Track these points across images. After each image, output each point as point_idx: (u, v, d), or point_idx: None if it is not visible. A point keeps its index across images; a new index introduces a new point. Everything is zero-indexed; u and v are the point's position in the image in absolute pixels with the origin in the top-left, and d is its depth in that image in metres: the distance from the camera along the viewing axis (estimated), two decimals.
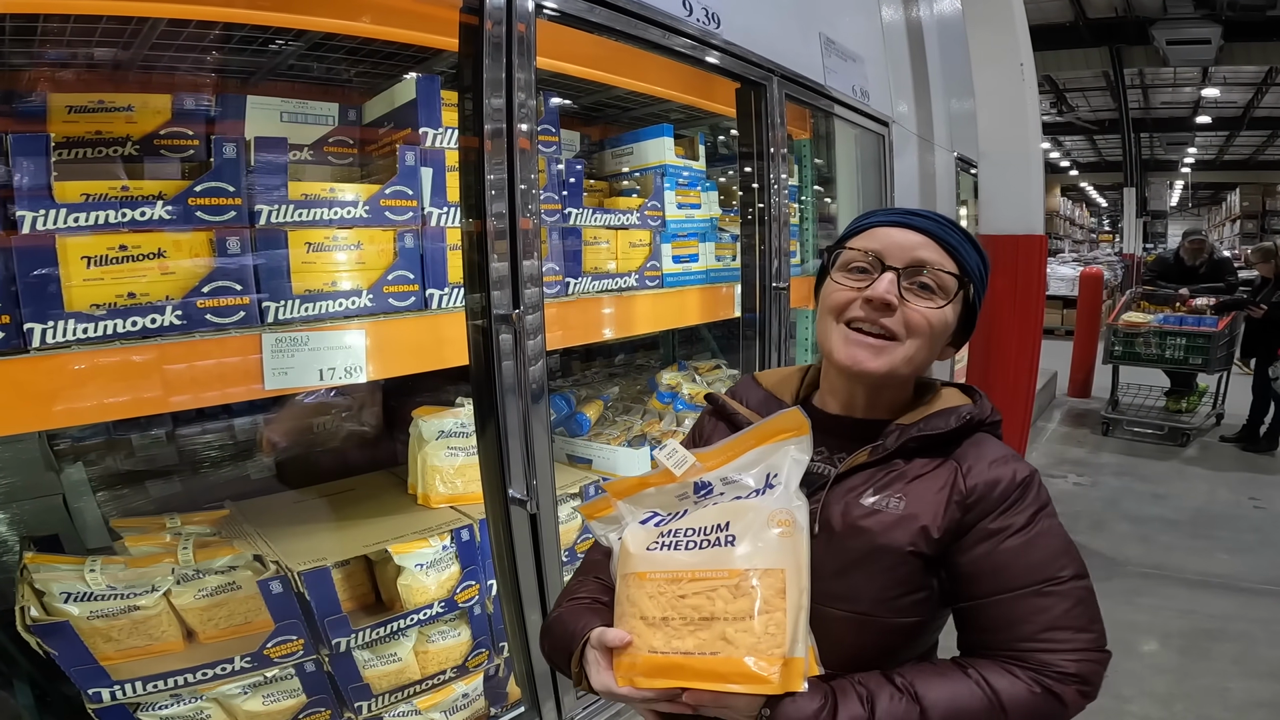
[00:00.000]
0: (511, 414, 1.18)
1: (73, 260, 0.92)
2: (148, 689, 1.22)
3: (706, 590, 0.73)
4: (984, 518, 0.77)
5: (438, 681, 1.52)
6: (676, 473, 0.80)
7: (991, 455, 0.81)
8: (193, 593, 1.30)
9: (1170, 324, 5.41)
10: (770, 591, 0.72)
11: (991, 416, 0.86)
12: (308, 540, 1.41)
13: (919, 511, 0.78)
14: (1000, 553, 0.77)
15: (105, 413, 0.96)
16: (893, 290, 0.79)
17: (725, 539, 0.75)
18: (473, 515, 1.51)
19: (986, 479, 0.78)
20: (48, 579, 1.20)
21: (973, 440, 0.83)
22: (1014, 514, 0.77)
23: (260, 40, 1.39)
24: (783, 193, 2.05)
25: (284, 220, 1.10)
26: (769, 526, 0.74)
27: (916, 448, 0.81)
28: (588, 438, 2.01)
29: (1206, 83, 13.70)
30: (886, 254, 0.81)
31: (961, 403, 0.85)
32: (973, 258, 0.84)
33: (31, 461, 1.51)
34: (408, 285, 1.28)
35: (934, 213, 0.84)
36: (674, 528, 0.79)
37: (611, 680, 0.75)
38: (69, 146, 1.09)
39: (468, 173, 1.19)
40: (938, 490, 0.79)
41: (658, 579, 0.76)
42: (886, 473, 0.81)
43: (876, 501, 0.79)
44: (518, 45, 1.19)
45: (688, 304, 1.98)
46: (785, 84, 2.02)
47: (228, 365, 1.04)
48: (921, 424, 0.82)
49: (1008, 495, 0.78)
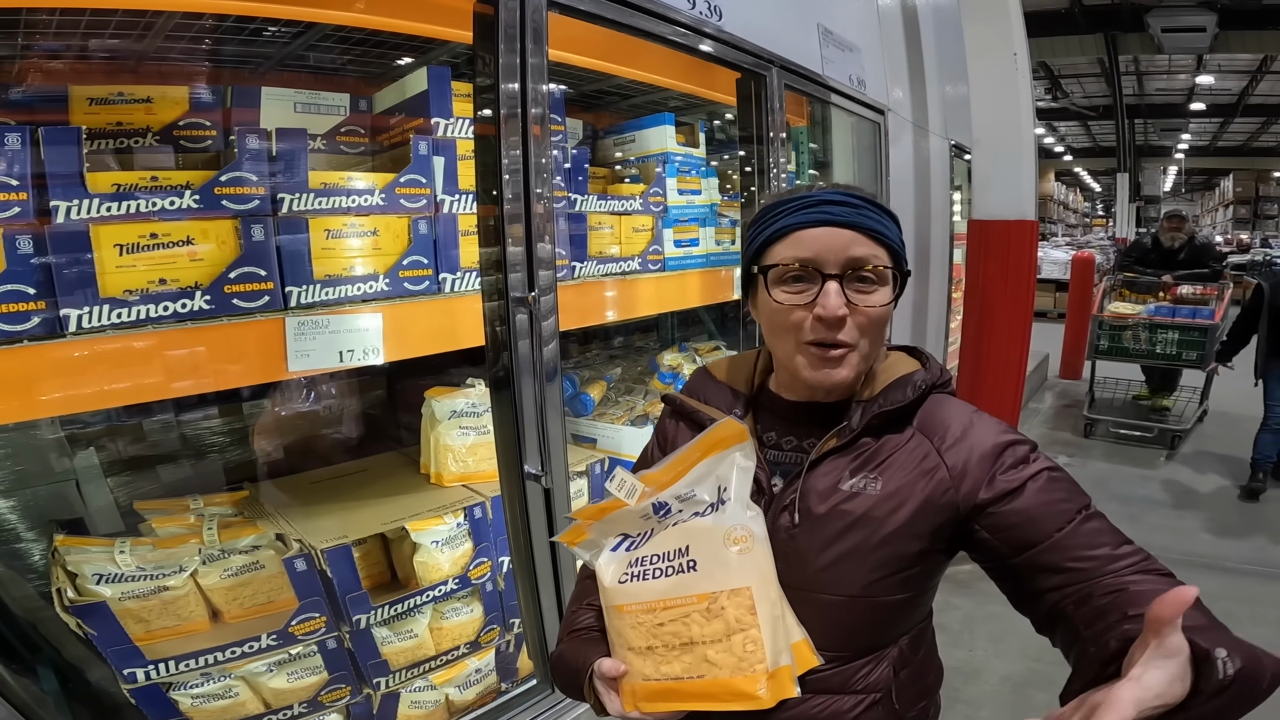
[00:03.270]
0: (527, 392, 1.23)
1: (106, 248, 0.95)
2: (180, 668, 1.26)
3: (680, 616, 0.75)
4: (982, 483, 0.77)
5: (452, 657, 1.56)
6: (629, 502, 0.81)
7: (959, 420, 0.81)
8: (218, 572, 1.34)
9: (1162, 315, 4.85)
10: (740, 610, 0.74)
11: (943, 378, 0.86)
12: (326, 520, 1.45)
13: (898, 488, 0.78)
14: (1024, 505, 0.76)
15: (140, 394, 0.99)
16: (841, 301, 0.76)
17: (687, 564, 0.76)
18: (484, 493, 1.55)
19: (966, 448, 0.78)
20: (79, 561, 1.24)
21: (932, 403, 0.83)
22: (1014, 470, 0.77)
23: (271, 32, 1.42)
24: (781, 179, 2.08)
25: (305, 208, 1.14)
26: (726, 545, 0.75)
27: (881, 424, 0.81)
28: (592, 417, 2.05)
29: (1201, 70, 13.73)
30: (820, 260, 0.77)
31: (911, 368, 0.85)
32: (894, 232, 0.82)
33: (43, 447, 1.53)
34: (422, 270, 1.32)
35: (848, 194, 0.80)
36: (641, 554, 0.80)
37: (620, 706, 0.79)
38: (91, 138, 1.12)
39: (484, 157, 1.22)
40: (915, 466, 0.78)
41: (635, 610, 0.78)
42: (858, 453, 0.80)
43: (855, 484, 0.79)
44: (531, 34, 1.22)
45: (689, 287, 2.02)
46: (784, 74, 2.06)
47: (254, 348, 1.07)
48: (881, 399, 0.81)
49: (996, 456, 0.78)
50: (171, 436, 1.73)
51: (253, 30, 1.39)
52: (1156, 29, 10.98)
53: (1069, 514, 0.75)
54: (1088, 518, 0.76)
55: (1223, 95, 15.48)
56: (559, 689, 0.91)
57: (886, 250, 0.79)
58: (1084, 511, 0.76)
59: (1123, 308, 5.09)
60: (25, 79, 1.17)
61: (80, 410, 1.27)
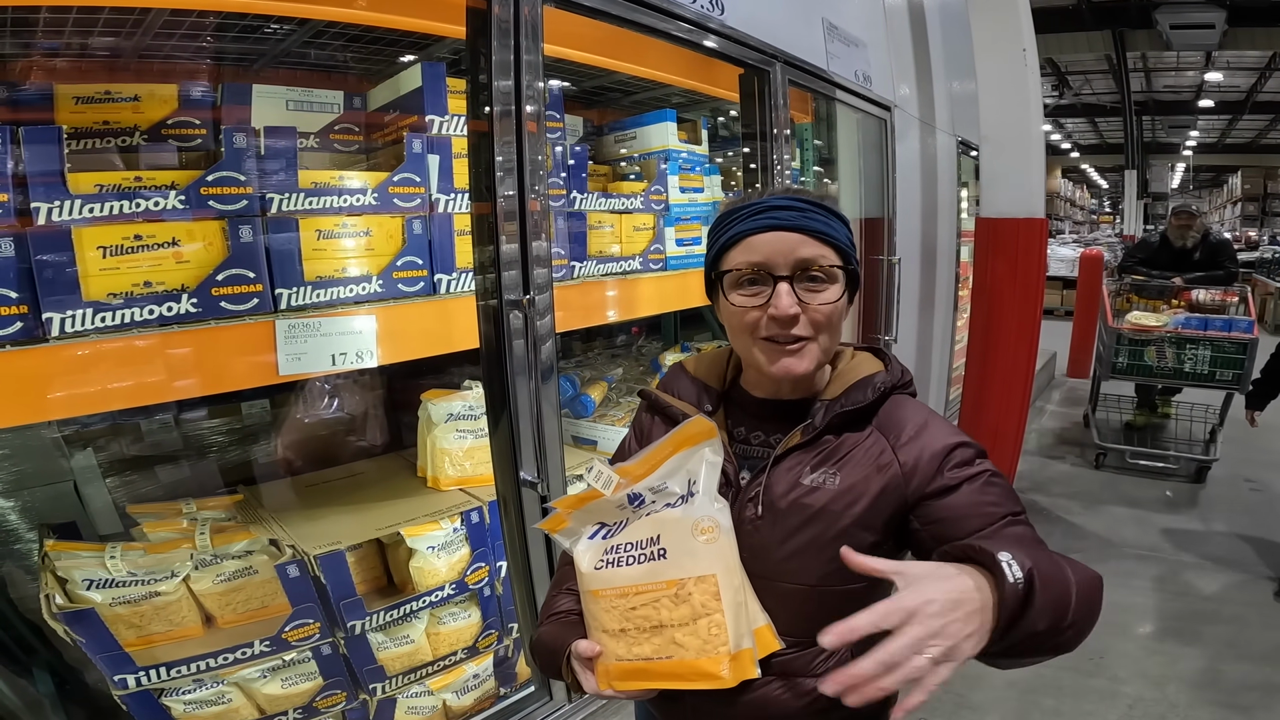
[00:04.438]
0: (522, 395, 1.20)
1: (88, 250, 0.93)
2: (171, 674, 1.24)
3: (651, 601, 0.80)
4: (929, 480, 0.81)
5: (449, 662, 1.54)
6: (605, 492, 0.84)
7: (915, 421, 0.85)
8: (211, 578, 1.32)
9: (1192, 328, 4.10)
10: (706, 595, 0.78)
11: (903, 379, 0.90)
12: (321, 524, 1.43)
13: (854, 483, 0.82)
14: (957, 501, 0.80)
15: (125, 399, 0.97)
16: (792, 300, 0.81)
17: (658, 553, 0.81)
18: (482, 497, 1.53)
19: (921, 447, 0.83)
20: (69, 566, 1.22)
21: (891, 404, 0.87)
22: (956, 469, 0.81)
23: (262, 29, 1.39)
24: (785, 176, 2.05)
25: (295, 208, 1.11)
26: (694, 536, 0.80)
27: (842, 422, 0.85)
28: (592, 419, 2.03)
29: (1210, 67, 13.63)
30: (771, 264, 0.82)
31: (874, 369, 0.89)
32: (842, 231, 0.85)
33: (41, 448, 1.52)
34: (416, 270, 1.29)
35: (795, 199, 0.84)
36: (615, 543, 0.85)
37: (595, 684, 0.84)
38: (77, 137, 1.10)
39: (478, 155, 1.19)
40: (872, 462, 0.83)
41: (609, 595, 0.83)
42: (819, 450, 0.84)
43: (814, 479, 0.83)
44: (526, 29, 1.19)
45: (691, 286, 1.99)
46: (788, 69, 2.02)
47: (243, 352, 1.05)
48: (843, 399, 0.85)
49: (945, 455, 0.82)
50: (169, 437, 1.71)
51: (245, 27, 1.36)
52: (1165, 26, 10.90)
53: (994, 517, 0.79)
54: (1012, 523, 0.79)
55: (1231, 92, 15.37)
56: (539, 669, 0.95)
57: (834, 250, 0.84)
58: (1010, 518, 0.79)
59: (1145, 319, 4.34)
60: (9, 77, 1.14)
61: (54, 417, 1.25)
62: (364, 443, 1.89)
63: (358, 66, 1.64)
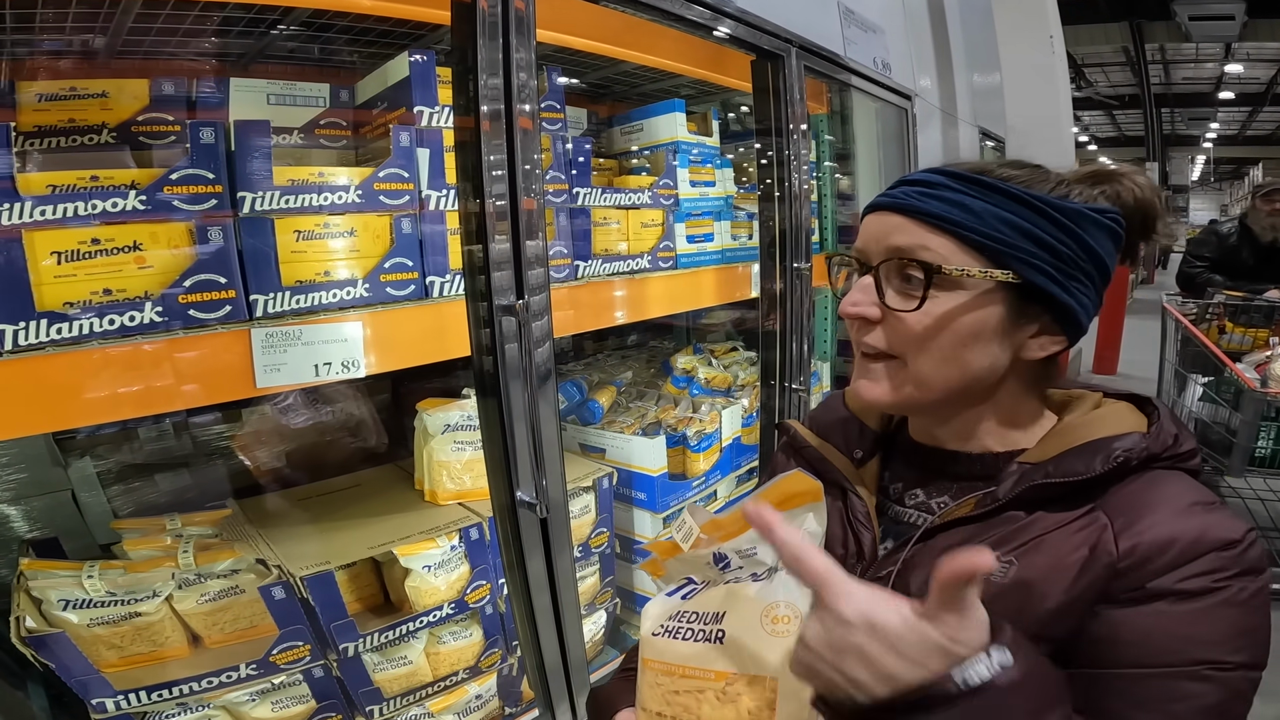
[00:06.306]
0: (517, 407, 1.11)
1: (42, 256, 0.86)
2: (152, 698, 1.19)
3: (695, 690, 0.65)
4: (1147, 581, 0.56)
5: (450, 683, 1.47)
6: (684, 546, 0.70)
7: (1173, 503, 0.58)
8: (195, 597, 1.26)
9: None
10: (757, 703, 0.61)
11: (1174, 449, 0.62)
12: (311, 542, 1.36)
13: (1040, 577, 0.58)
14: (1152, 616, 0.55)
15: (85, 416, 0.91)
16: (863, 300, 0.64)
17: (716, 633, 0.65)
18: (482, 513, 1.45)
19: (1155, 537, 0.56)
20: (44, 586, 1.16)
21: (1144, 480, 0.60)
22: (1193, 579, 0.55)
23: (245, 20, 1.32)
24: (803, 169, 1.95)
25: (270, 207, 1.04)
26: (763, 623, 0.62)
27: (1041, 497, 0.61)
28: (600, 426, 1.94)
29: (1229, 58, 13.33)
30: (865, 251, 0.66)
31: (1126, 429, 0.63)
32: (992, 218, 0.61)
33: (38, 457, 1.48)
34: (406, 273, 1.21)
35: (935, 170, 0.65)
36: (686, 608, 0.69)
37: None
38: (41, 136, 1.03)
39: (465, 155, 1.11)
40: (1072, 552, 0.58)
41: (656, 669, 0.69)
42: (996, 529, 0.62)
43: None
44: (515, 24, 1.11)
45: (703, 285, 1.90)
46: (804, 55, 1.92)
47: (215, 363, 0.98)
48: (1051, 466, 0.61)
49: (1187, 558, 0.55)
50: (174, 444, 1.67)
51: (226, 19, 1.29)
52: (1183, 17, 10.68)
53: (1173, 656, 0.54)
54: (1193, 677, 0.54)
55: (1251, 84, 15.05)
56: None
57: (958, 241, 0.61)
58: (1207, 667, 0.54)
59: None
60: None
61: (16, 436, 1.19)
62: (362, 449, 1.82)
63: (349, 61, 1.56)
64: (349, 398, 1.78)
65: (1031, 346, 0.65)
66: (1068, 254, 0.61)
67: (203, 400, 0.98)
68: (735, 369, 2.36)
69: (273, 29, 1.35)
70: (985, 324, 0.62)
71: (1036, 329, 0.65)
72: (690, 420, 1.97)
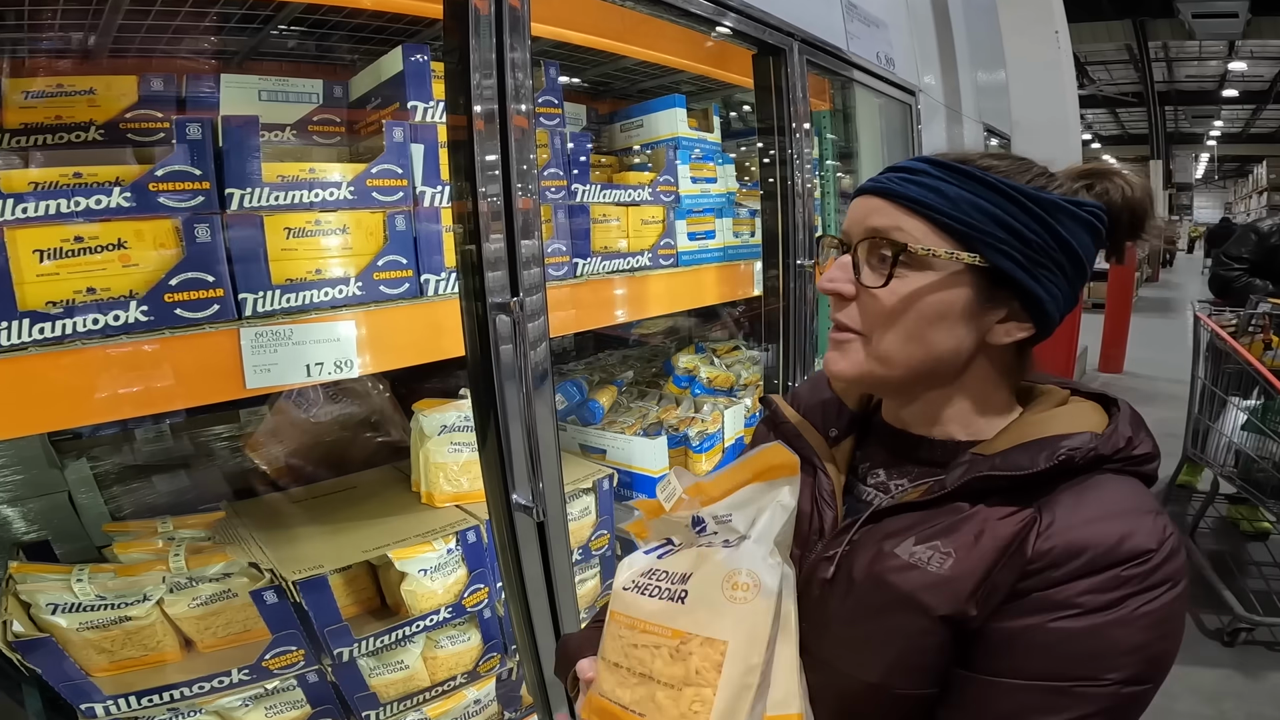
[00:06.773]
0: (512, 408, 1.09)
1: (24, 254, 0.84)
2: (143, 703, 1.17)
3: (652, 645, 0.66)
4: (1048, 587, 0.56)
5: (448, 688, 1.45)
6: (666, 506, 0.72)
7: (1102, 508, 0.58)
8: (186, 601, 1.24)
9: None
10: (706, 663, 0.62)
11: (1126, 451, 0.61)
12: (305, 544, 1.34)
13: (963, 573, 0.59)
14: (1047, 630, 0.56)
15: (67, 419, 0.89)
16: (839, 277, 0.66)
17: (679, 594, 0.66)
18: (479, 515, 1.43)
19: (1069, 542, 0.56)
20: (33, 589, 1.15)
21: (1089, 482, 0.60)
22: (1091, 594, 0.55)
23: (237, 17, 1.30)
24: (805, 166, 1.92)
25: (259, 204, 1.01)
26: (723, 588, 0.63)
27: (986, 489, 0.61)
28: (601, 426, 1.92)
29: (1233, 56, 13.25)
30: (849, 232, 0.67)
31: (1081, 428, 0.62)
32: (966, 203, 0.62)
33: (34, 458, 1.46)
34: (400, 271, 1.19)
35: (919, 158, 0.66)
36: (659, 567, 0.71)
37: (580, 710, 0.73)
38: (27, 134, 1.01)
39: (458, 154, 1.08)
40: (1000, 546, 0.58)
41: (621, 622, 0.70)
42: (940, 519, 0.62)
43: (917, 554, 0.61)
44: (510, 23, 1.08)
45: (704, 283, 1.87)
46: (806, 49, 1.89)
47: (203, 363, 0.96)
48: (999, 459, 0.61)
49: (1094, 569, 0.55)
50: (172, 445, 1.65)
51: (217, 16, 1.27)
52: (1186, 15, 10.61)
53: (1069, 673, 0.55)
54: (1074, 691, 0.54)
55: (1255, 81, 14.97)
56: (555, 672, 0.83)
57: (931, 225, 0.63)
58: (1088, 684, 0.54)
59: None
60: None
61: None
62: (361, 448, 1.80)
63: (343, 57, 1.55)
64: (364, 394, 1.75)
65: (998, 332, 0.66)
66: (1036, 242, 0.62)
67: (191, 401, 0.96)
68: (738, 368, 2.34)
69: (265, 25, 1.33)
70: (951, 305, 0.64)
71: (1004, 314, 0.66)
72: (692, 420, 1.95)
